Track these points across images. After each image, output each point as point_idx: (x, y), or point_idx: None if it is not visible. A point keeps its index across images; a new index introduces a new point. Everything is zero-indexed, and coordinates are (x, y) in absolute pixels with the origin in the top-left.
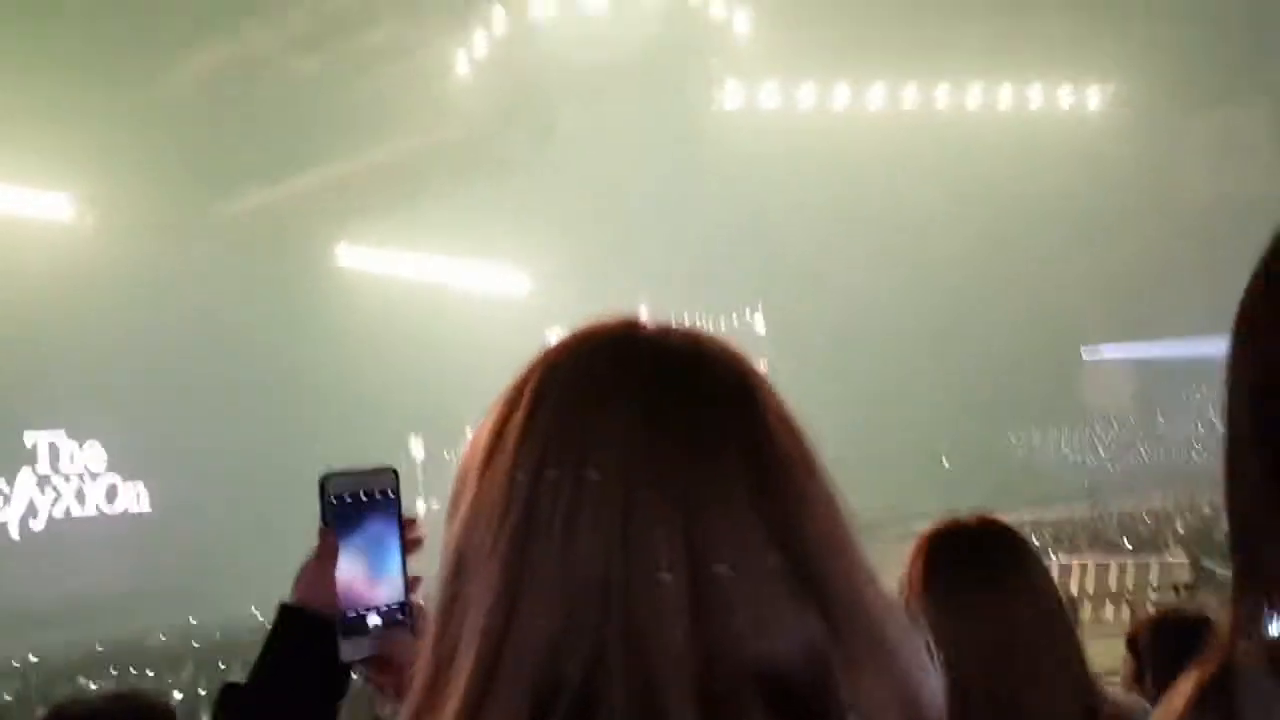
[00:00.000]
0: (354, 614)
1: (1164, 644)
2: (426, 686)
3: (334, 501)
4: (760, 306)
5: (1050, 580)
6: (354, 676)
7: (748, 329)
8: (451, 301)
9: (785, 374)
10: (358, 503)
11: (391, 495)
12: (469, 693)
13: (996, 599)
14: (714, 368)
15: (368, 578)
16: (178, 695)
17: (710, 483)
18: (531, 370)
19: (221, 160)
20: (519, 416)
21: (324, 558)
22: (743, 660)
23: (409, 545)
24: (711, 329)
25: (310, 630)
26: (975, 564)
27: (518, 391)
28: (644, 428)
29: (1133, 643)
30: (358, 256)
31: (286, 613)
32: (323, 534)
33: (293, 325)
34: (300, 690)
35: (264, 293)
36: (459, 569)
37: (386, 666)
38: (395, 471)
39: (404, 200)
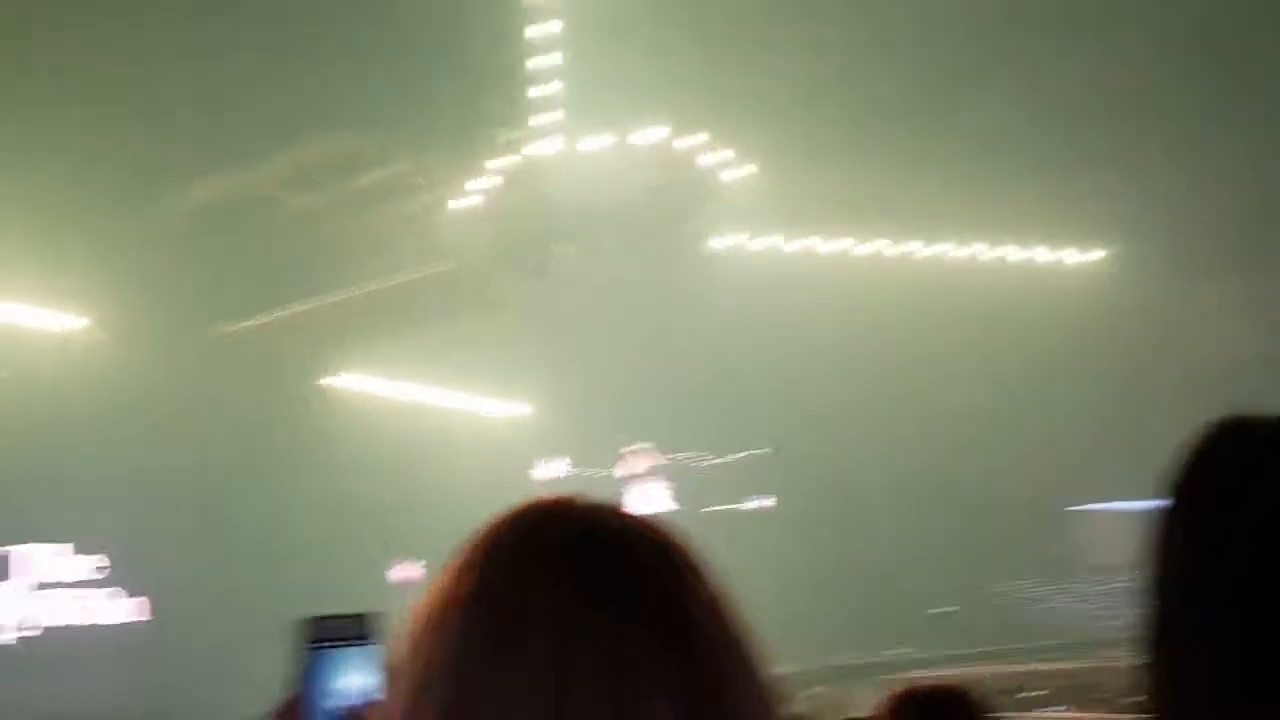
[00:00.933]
0: None
1: None
2: None
3: (309, 649)
4: (755, 448)
5: None
6: None
7: (751, 468)
8: (441, 429)
9: (785, 522)
10: (335, 649)
11: (372, 642)
12: None
13: None
14: (639, 548)
15: None
16: None
17: (635, 665)
18: (474, 547)
19: (221, 286)
20: (459, 592)
21: (288, 715)
22: None
23: None
24: (703, 465)
25: None
26: None
27: (459, 567)
28: (574, 610)
29: None
30: (351, 382)
31: None
32: (289, 691)
33: (288, 447)
34: None
35: (259, 414)
36: None
37: None
38: (379, 617)
39: (396, 332)
